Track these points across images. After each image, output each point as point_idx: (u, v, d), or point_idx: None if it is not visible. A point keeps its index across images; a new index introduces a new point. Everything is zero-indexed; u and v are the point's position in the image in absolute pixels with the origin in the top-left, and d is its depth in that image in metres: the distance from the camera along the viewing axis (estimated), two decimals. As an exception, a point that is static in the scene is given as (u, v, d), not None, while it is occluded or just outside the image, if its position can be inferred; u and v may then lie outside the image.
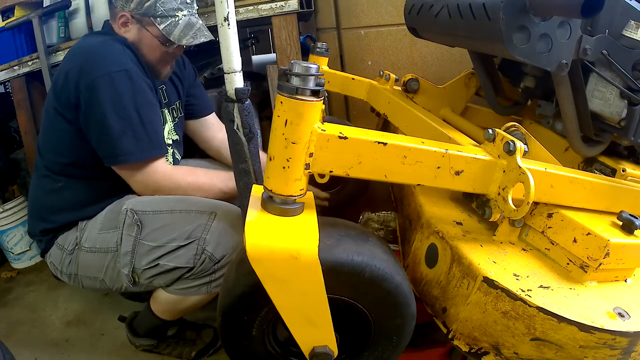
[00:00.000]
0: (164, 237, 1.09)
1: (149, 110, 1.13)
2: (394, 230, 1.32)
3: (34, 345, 1.53)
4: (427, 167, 0.69)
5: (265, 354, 0.76)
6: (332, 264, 0.64)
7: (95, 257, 1.16)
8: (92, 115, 1.08)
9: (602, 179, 0.83)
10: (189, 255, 1.08)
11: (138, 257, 1.10)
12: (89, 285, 1.23)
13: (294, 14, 1.54)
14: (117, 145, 1.09)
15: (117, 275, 1.15)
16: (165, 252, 1.08)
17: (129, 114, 1.08)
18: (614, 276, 0.76)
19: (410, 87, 1.23)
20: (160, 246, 1.08)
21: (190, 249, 1.08)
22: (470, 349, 0.73)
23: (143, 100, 1.12)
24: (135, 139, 1.09)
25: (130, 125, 1.09)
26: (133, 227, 1.10)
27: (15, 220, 1.98)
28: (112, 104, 1.06)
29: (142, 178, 1.15)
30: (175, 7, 1.16)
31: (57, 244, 1.21)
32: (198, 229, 1.08)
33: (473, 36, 0.88)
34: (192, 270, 1.09)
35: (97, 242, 1.16)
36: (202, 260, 1.08)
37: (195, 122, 1.50)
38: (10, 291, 1.88)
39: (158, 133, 1.17)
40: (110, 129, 1.07)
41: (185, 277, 1.11)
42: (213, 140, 1.53)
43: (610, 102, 0.90)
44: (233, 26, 0.80)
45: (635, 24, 0.86)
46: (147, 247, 1.09)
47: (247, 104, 0.88)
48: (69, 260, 1.19)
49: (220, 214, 1.11)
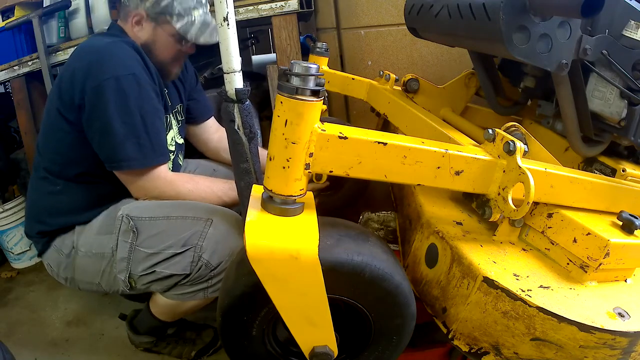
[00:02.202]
0: (160, 244, 1.08)
1: (154, 117, 1.12)
2: (394, 230, 1.32)
3: (34, 345, 1.53)
4: (427, 167, 0.69)
5: (265, 354, 0.76)
6: (332, 264, 0.64)
7: (91, 261, 1.16)
8: (96, 118, 1.07)
9: (602, 179, 0.83)
10: (185, 263, 1.07)
11: (134, 264, 1.10)
12: (86, 288, 1.23)
13: (294, 14, 1.54)
14: (120, 150, 1.08)
15: (113, 280, 1.15)
16: (162, 259, 1.08)
17: (134, 119, 1.07)
18: (614, 276, 0.76)
19: (410, 87, 1.23)
20: (156, 253, 1.08)
21: (187, 257, 1.07)
22: (470, 349, 0.73)
23: (149, 107, 1.11)
24: (138, 145, 1.09)
25: (134, 130, 1.08)
26: (129, 233, 1.09)
27: (15, 220, 1.98)
28: (118, 108, 1.05)
29: (144, 184, 1.14)
30: (192, 5, 1.15)
31: (54, 246, 1.21)
32: (194, 236, 1.08)
33: (473, 36, 0.88)
34: (189, 277, 1.09)
35: (93, 246, 1.15)
36: (198, 267, 1.07)
37: (194, 127, 1.50)
38: (10, 291, 1.88)
39: (161, 140, 1.16)
40: (114, 133, 1.06)
41: (182, 284, 1.11)
42: (210, 142, 1.53)
43: (610, 102, 0.90)
44: (233, 26, 0.80)
45: (635, 24, 0.86)
46: (143, 254, 1.09)
47: (247, 104, 0.88)
48: (66, 263, 1.19)
49: (217, 220, 1.11)
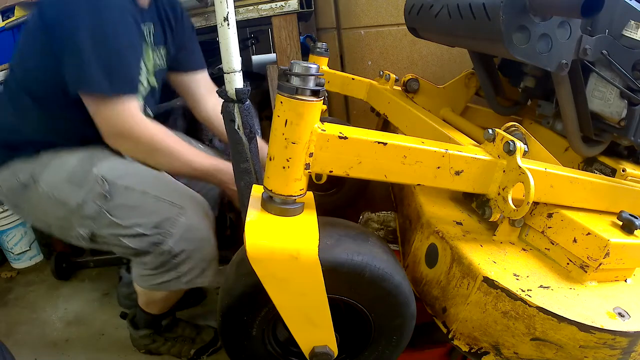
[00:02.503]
0: (129, 220, 1.07)
1: (128, 45, 1.06)
2: (394, 230, 1.32)
3: (34, 345, 1.53)
4: (427, 167, 0.69)
5: (265, 354, 0.76)
6: (332, 264, 0.64)
7: (50, 204, 1.11)
8: (66, 33, 1.00)
9: (602, 179, 0.83)
10: (149, 242, 1.07)
11: (98, 226, 1.08)
12: (34, 224, 1.20)
13: (294, 14, 1.54)
14: (85, 69, 1.00)
15: (68, 230, 1.12)
16: (127, 233, 1.07)
17: (107, 40, 1.00)
18: (614, 276, 0.76)
19: (410, 87, 1.23)
20: (124, 226, 1.07)
21: (152, 238, 1.07)
22: (470, 349, 0.73)
23: (124, 31, 1.04)
24: (105, 67, 1.01)
25: (105, 51, 1.00)
26: (101, 196, 1.06)
27: (15, 220, 1.98)
28: (91, 27, 0.99)
29: (110, 115, 1.05)
30: None
31: (10, 166, 1.14)
32: (165, 222, 1.07)
33: (473, 36, 0.88)
34: (148, 255, 1.09)
35: (57, 191, 1.10)
36: (161, 251, 1.08)
37: (182, 75, 1.40)
38: (10, 291, 1.88)
39: (133, 71, 1.09)
40: (82, 51, 0.99)
41: (147, 268, 1.11)
42: (202, 101, 1.42)
43: (610, 102, 0.90)
44: (233, 26, 0.80)
45: (635, 24, 0.86)
46: (111, 221, 1.07)
47: (247, 104, 0.88)
48: (20, 191, 1.13)
49: (190, 209, 1.11)
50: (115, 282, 1.90)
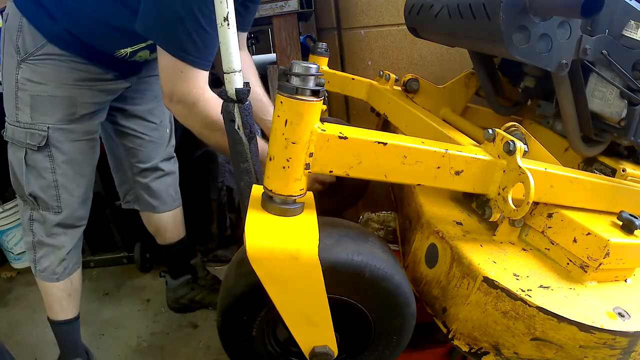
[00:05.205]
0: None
1: (213, 23, 1.00)
2: (394, 230, 1.33)
3: (34, 345, 1.53)
4: (427, 167, 0.69)
5: (265, 354, 0.76)
6: (332, 264, 0.64)
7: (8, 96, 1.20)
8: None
9: (602, 179, 0.83)
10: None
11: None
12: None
13: (294, 14, 1.54)
14: (183, 36, 0.98)
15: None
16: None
17: (211, 15, 0.96)
18: (614, 276, 0.76)
19: (410, 87, 1.23)
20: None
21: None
22: (470, 349, 0.73)
23: (209, 11, 0.98)
24: (202, 40, 1.00)
25: (194, 21, 0.97)
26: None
27: (15, 220, 1.98)
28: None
29: (183, 81, 1.04)
30: None
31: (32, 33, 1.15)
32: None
33: (473, 36, 0.88)
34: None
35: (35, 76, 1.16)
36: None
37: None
38: (10, 291, 1.89)
39: (215, 49, 1.05)
40: (185, 18, 0.96)
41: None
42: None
43: (610, 102, 0.90)
44: (233, 26, 0.80)
45: (635, 24, 0.86)
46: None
47: (247, 104, 0.88)
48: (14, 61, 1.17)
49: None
50: (116, 282, 1.90)
